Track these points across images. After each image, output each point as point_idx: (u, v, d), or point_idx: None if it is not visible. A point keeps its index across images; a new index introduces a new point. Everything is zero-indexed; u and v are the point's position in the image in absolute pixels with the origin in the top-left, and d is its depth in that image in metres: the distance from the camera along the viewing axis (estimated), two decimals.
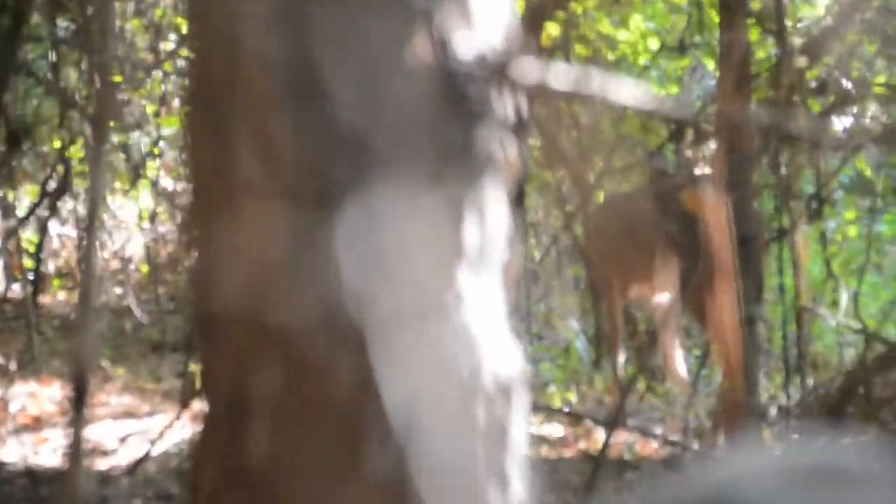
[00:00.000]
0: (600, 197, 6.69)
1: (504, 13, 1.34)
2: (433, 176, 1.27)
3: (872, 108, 6.55)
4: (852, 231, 7.67)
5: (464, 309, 1.28)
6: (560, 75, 1.32)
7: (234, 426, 1.29)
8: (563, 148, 6.02)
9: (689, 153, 6.17)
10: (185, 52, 7.16)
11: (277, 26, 1.25)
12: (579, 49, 6.62)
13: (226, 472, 1.31)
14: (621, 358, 6.19)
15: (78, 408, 1.28)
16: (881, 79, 6.61)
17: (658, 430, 6.00)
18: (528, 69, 1.32)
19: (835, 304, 7.09)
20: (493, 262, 1.33)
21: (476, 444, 1.28)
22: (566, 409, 5.93)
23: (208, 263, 1.34)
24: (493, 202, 1.33)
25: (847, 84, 5.34)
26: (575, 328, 7.07)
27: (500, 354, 1.31)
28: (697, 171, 5.57)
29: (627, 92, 1.33)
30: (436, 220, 1.27)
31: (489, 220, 1.32)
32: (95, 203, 1.47)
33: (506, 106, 1.33)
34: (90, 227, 1.42)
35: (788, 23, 5.76)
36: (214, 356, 1.34)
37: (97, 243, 1.53)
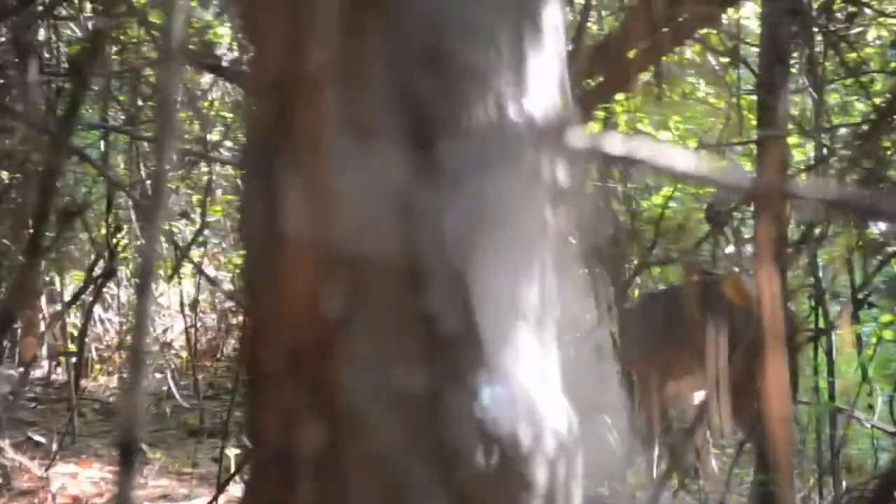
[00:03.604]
0: (636, 293, 6.75)
1: (557, 79, 1.38)
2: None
3: None
4: (888, 335, 7.66)
5: (524, 369, 1.30)
6: (613, 141, 1.38)
7: (281, 480, 1.31)
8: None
9: (727, 250, 6.23)
10: (230, 142, 7.30)
11: (332, 81, 1.29)
12: None
13: None
14: (655, 453, 6.20)
15: (127, 469, 1.31)
16: None
17: None
18: (581, 135, 1.37)
19: (870, 407, 7.08)
20: (548, 326, 1.35)
21: None
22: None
23: (257, 321, 1.37)
24: (545, 266, 1.35)
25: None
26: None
27: (560, 416, 1.34)
28: (736, 268, 5.63)
29: (679, 159, 1.37)
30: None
31: (543, 284, 1.34)
32: (148, 274, 1.51)
33: (556, 172, 1.36)
34: (143, 291, 1.46)
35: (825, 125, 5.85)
36: (261, 411, 1.36)
37: (149, 308, 1.57)
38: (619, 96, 5.65)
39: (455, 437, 1.27)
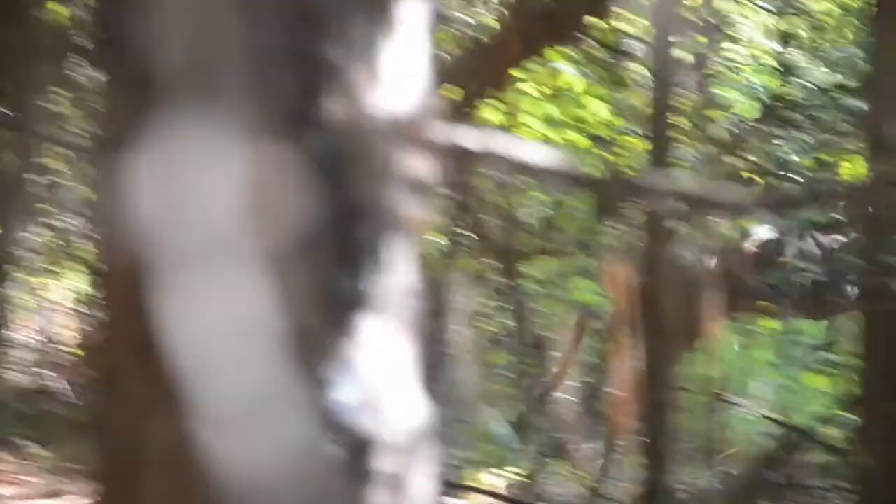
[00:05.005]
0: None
1: (420, 77, 1.38)
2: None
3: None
4: (772, 323, 7.79)
5: (369, 360, 1.31)
6: (468, 135, 1.40)
7: (129, 479, 1.33)
8: (493, 236, 6.11)
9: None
10: None
11: (186, 77, 1.29)
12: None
13: None
14: None
15: None
16: None
17: None
18: (438, 130, 1.38)
19: (751, 394, 7.21)
20: (395, 315, 1.36)
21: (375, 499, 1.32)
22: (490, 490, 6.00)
23: (105, 314, 1.39)
24: (397, 257, 1.36)
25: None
26: (496, 413, 7.14)
27: (409, 407, 1.35)
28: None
29: (533, 152, 1.39)
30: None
31: (396, 277, 1.36)
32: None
33: (413, 165, 1.37)
34: None
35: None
36: (110, 409, 1.38)
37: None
38: (503, 92, 5.65)
39: (302, 428, 1.28)
